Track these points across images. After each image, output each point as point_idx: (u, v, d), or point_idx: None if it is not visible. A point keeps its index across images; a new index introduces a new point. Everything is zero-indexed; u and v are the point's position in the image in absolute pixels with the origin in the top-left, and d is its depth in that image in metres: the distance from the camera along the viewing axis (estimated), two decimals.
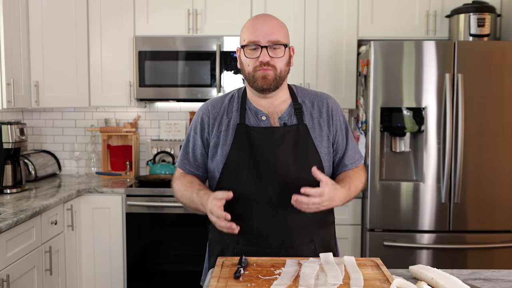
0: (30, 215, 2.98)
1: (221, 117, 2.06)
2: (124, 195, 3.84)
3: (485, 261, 3.57)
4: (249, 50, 1.95)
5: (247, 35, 1.96)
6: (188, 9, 4.10)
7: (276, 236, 1.93)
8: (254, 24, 1.96)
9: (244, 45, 1.97)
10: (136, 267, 3.88)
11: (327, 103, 2.10)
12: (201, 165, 2.12)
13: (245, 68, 1.99)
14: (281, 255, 1.93)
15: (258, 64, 1.94)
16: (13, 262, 2.82)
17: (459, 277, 1.80)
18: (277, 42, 1.94)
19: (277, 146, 1.98)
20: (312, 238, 2.03)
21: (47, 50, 4.00)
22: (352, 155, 2.13)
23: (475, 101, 3.51)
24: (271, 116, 2.04)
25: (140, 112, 4.62)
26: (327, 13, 4.09)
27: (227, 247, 2.03)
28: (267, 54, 1.93)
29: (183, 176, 2.14)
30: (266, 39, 1.92)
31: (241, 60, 2.01)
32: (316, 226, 2.05)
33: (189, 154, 2.13)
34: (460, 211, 3.55)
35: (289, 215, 1.92)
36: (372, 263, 1.80)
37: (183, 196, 2.06)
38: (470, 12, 3.79)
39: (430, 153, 3.55)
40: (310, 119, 2.05)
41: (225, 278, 1.64)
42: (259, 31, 1.93)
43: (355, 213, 3.81)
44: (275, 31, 1.94)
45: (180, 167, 2.16)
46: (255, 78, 1.96)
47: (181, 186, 2.08)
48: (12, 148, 3.64)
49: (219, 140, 2.03)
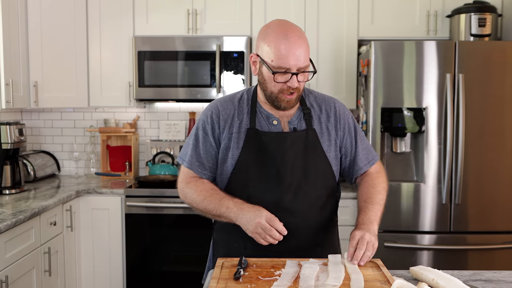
0: (29, 216, 2.97)
1: (232, 119, 2.03)
2: (123, 196, 3.83)
3: (486, 262, 3.55)
4: (279, 75, 1.87)
5: (276, 58, 1.85)
6: (187, 9, 4.09)
7: (283, 242, 1.89)
8: (285, 48, 1.84)
9: (275, 71, 1.87)
10: (136, 268, 3.86)
11: (334, 107, 2.10)
12: (213, 167, 2.06)
13: (269, 87, 1.93)
14: None
15: (285, 88, 1.90)
16: (12, 263, 2.81)
17: (460, 278, 1.79)
18: (306, 68, 1.90)
19: (287, 151, 1.97)
20: (320, 241, 2.04)
21: (46, 50, 3.99)
22: (364, 156, 2.12)
23: (476, 101, 3.50)
24: (281, 120, 2.02)
25: (139, 113, 4.60)
26: (327, 13, 4.08)
27: (233, 250, 2.02)
28: (296, 81, 1.88)
29: (196, 181, 2.05)
30: (297, 66, 1.86)
31: (264, 77, 1.93)
32: (323, 229, 2.06)
33: (201, 156, 2.05)
34: (461, 212, 3.54)
35: (298, 220, 1.92)
36: (373, 264, 1.80)
37: (202, 204, 1.97)
38: (471, 12, 3.78)
39: (430, 153, 3.54)
40: (318, 124, 2.05)
41: (224, 279, 1.64)
42: (291, 58, 1.84)
43: (356, 214, 3.77)
44: (305, 56, 1.88)
45: (192, 169, 2.06)
46: (278, 99, 1.94)
47: (199, 194, 1.99)
48: (11, 148, 3.64)
49: (230, 143, 2.01)
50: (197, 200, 1.98)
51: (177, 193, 2.11)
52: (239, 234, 1.92)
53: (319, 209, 2.02)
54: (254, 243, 1.91)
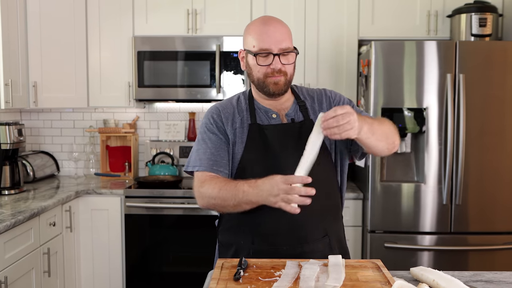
0: (28, 216, 2.97)
1: (233, 116, 2.06)
2: (123, 197, 3.83)
3: (487, 263, 3.54)
4: (261, 57, 1.95)
5: (257, 42, 1.95)
6: (187, 9, 4.08)
7: (291, 233, 1.92)
8: (264, 31, 1.95)
9: (256, 53, 1.95)
10: (135, 269, 3.86)
11: (325, 93, 2.16)
12: (227, 163, 2.03)
13: (255, 74, 2.00)
14: (297, 252, 1.93)
15: (269, 71, 1.96)
16: (11, 264, 2.81)
17: (460, 279, 1.79)
18: (288, 49, 1.96)
19: (289, 142, 2.00)
20: (327, 232, 2.02)
21: (46, 50, 3.98)
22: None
23: (476, 101, 3.49)
24: (280, 114, 2.07)
25: (139, 113, 4.60)
26: (327, 12, 4.07)
27: (241, 248, 2.00)
28: (279, 62, 1.95)
29: (211, 179, 1.98)
30: (278, 46, 1.93)
31: (250, 65, 2.01)
32: (329, 220, 2.05)
33: (213, 154, 2.02)
34: (462, 213, 3.53)
35: (303, 211, 1.87)
36: (373, 264, 1.79)
37: (219, 196, 1.91)
38: (472, 12, 3.77)
39: (431, 154, 3.53)
40: (314, 114, 2.08)
41: (224, 280, 1.63)
42: (270, 39, 1.93)
43: (356, 215, 3.79)
44: (285, 37, 1.96)
45: (206, 170, 2.01)
46: (266, 84, 1.99)
47: (214, 187, 1.93)
48: (10, 149, 3.63)
49: (235, 138, 2.03)
50: (213, 193, 1.92)
51: (177, 193, 2.12)
52: (245, 231, 1.95)
53: (324, 198, 1.98)
54: (261, 238, 1.93)
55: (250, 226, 1.97)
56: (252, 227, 1.97)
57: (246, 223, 1.99)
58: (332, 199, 2.07)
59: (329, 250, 1.99)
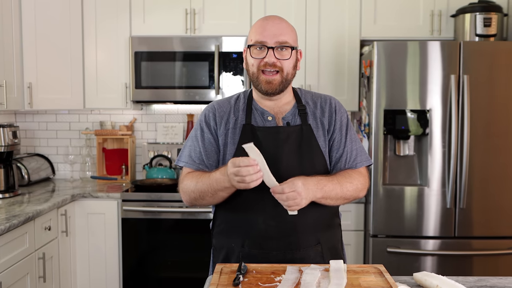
0: (23, 220, 2.97)
1: (228, 116, 2.06)
2: (119, 200, 3.80)
3: (492, 268, 3.54)
4: (255, 50, 1.97)
5: (254, 35, 1.98)
6: (185, 9, 4.05)
7: (282, 238, 1.92)
8: (263, 25, 1.98)
9: (250, 44, 1.98)
10: (132, 274, 3.83)
11: (330, 102, 2.13)
12: (214, 164, 2.05)
13: (250, 68, 2.01)
14: (287, 258, 1.93)
15: (262, 65, 1.96)
16: (6, 269, 2.80)
17: (464, 284, 1.78)
18: (284, 43, 1.96)
19: (282, 145, 1.99)
20: (319, 240, 2.00)
21: (41, 50, 3.97)
22: (349, 156, 2.06)
23: (481, 103, 3.46)
24: (276, 117, 2.06)
25: (136, 115, 4.56)
26: (328, 12, 4.04)
27: (232, 251, 2.00)
28: (273, 55, 1.95)
29: (192, 173, 2.04)
30: (274, 40, 1.94)
31: (247, 60, 2.03)
32: (322, 228, 2.03)
33: (201, 153, 2.05)
34: (466, 217, 3.51)
35: (295, 216, 1.88)
36: (375, 270, 1.79)
37: (197, 188, 1.96)
38: (476, 12, 3.74)
39: (435, 156, 3.50)
40: (313, 119, 2.06)
41: (223, 286, 1.63)
42: (267, 32, 1.95)
43: (358, 219, 3.76)
44: (284, 32, 1.97)
45: (190, 166, 2.06)
46: (259, 80, 1.99)
47: (192, 181, 1.98)
48: (5, 151, 3.61)
49: (227, 139, 2.03)
50: (191, 187, 1.98)
51: (174, 197, 2.13)
52: (237, 234, 1.97)
53: (318, 204, 1.95)
54: (251, 241, 1.95)
55: (241, 229, 1.97)
56: (243, 230, 1.97)
57: (237, 226, 1.99)
58: (327, 206, 2.02)
59: (321, 258, 1.98)
